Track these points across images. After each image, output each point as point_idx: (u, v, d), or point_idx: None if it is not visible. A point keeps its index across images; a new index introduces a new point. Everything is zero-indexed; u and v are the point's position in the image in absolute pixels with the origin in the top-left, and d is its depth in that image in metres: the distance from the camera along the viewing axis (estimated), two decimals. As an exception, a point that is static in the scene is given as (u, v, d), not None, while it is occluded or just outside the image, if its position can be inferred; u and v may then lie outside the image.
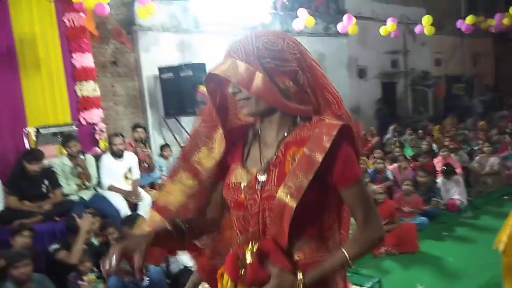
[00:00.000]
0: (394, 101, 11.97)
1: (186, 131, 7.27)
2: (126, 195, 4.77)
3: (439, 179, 6.23)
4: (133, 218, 4.16)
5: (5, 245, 3.63)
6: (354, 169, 1.22)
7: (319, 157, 1.16)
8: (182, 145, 6.77)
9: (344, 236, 1.40)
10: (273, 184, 1.22)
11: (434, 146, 8.10)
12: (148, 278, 3.71)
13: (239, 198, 1.27)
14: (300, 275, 1.19)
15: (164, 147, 6.11)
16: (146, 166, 5.50)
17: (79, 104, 6.21)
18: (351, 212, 1.30)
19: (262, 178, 1.25)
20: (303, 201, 1.16)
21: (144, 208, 4.77)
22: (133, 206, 4.77)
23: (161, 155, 6.01)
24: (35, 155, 4.24)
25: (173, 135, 7.04)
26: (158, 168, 5.73)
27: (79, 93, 6.17)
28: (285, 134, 1.27)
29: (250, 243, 1.21)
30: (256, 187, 1.25)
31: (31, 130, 5.41)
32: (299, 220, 1.19)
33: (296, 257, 1.23)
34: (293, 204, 1.16)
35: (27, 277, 3.21)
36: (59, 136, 4.97)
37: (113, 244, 3.94)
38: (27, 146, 5.38)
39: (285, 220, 1.18)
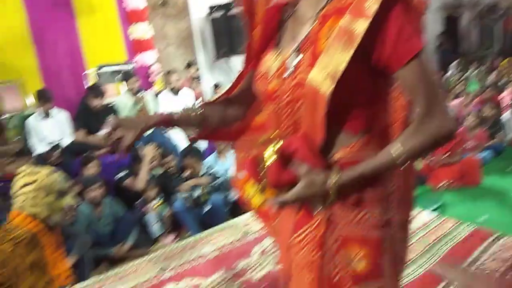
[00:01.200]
0: (457, 35, 11.10)
1: (237, 71, 7.25)
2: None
3: (505, 114, 5.83)
4: (192, 150, 4.33)
5: (75, 176, 3.92)
6: (411, 40, 0.93)
7: (362, 27, 0.92)
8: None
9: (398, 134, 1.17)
10: (305, 67, 1.02)
11: (502, 81, 7.53)
12: (209, 205, 3.90)
13: (267, 88, 1.12)
14: (334, 174, 1.02)
15: (216, 86, 6.14)
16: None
17: (133, 46, 6.35)
18: (409, 100, 1.10)
19: (293, 62, 1.06)
20: (341, 85, 0.95)
21: (200, 144, 4.92)
22: (191, 142, 4.91)
23: (215, 95, 6.06)
24: (98, 91, 4.44)
25: (224, 76, 7.06)
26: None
27: (132, 36, 6.30)
28: (323, 5, 1.03)
29: (273, 143, 1.07)
30: (286, 74, 1.07)
31: (91, 71, 5.65)
32: (337, 110, 1.00)
33: (335, 157, 1.06)
34: (328, 88, 0.96)
35: (100, 199, 3.50)
36: (118, 75, 5.12)
37: (172, 173, 4.16)
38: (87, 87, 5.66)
39: (319, 110, 1.00)
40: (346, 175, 1.02)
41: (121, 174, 3.99)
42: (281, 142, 1.05)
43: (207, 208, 3.90)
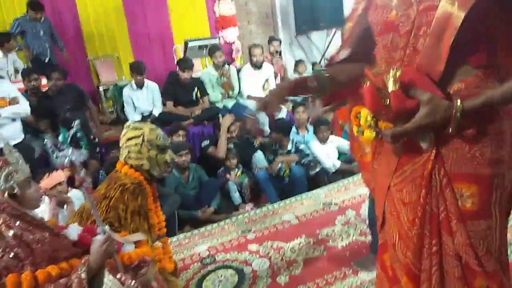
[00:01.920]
0: None
1: (317, 48, 7.14)
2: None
3: None
4: (285, 123, 4.40)
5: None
6: None
7: None
8: (313, 62, 6.71)
9: None
10: None
11: None
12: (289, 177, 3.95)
13: (388, 17, 1.08)
14: (457, 102, 0.98)
15: (299, 62, 6.10)
16: (280, 80, 5.62)
17: (218, 23, 6.53)
18: None
19: None
20: (472, 13, 0.92)
21: (282, 116, 4.95)
22: (271, 116, 4.96)
23: (296, 71, 6.04)
24: (188, 63, 4.64)
25: (304, 53, 6.99)
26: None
27: (217, 12, 6.46)
28: None
29: (391, 70, 1.02)
30: None
31: (179, 46, 5.92)
32: (462, 41, 0.97)
33: (455, 87, 1.02)
34: (460, 14, 0.92)
35: (187, 164, 3.70)
36: (204, 49, 5.30)
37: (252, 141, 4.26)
38: (175, 61, 5.93)
39: (446, 38, 0.97)
40: (470, 102, 0.98)
41: (206, 143, 4.17)
42: (399, 72, 1.02)
43: (287, 180, 3.95)
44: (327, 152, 4.14)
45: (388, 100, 1.01)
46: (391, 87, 1.01)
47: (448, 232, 1.07)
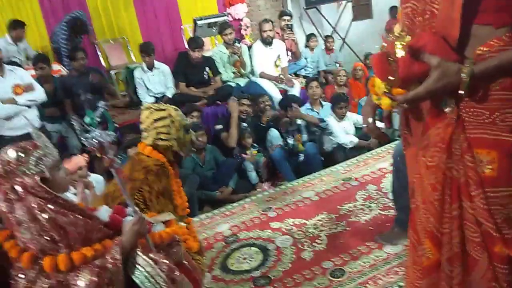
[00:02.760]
0: None
1: (327, 21, 6.99)
2: (277, 81, 4.91)
3: None
4: (289, 98, 4.34)
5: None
6: None
7: None
8: (323, 36, 6.58)
9: None
10: None
11: None
12: (304, 154, 3.92)
13: None
14: (468, 64, 0.96)
15: (310, 36, 5.97)
16: (292, 56, 5.53)
17: (225, 0, 6.41)
18: None
19: None
20: None
21: (295, 92, 4.89)
22: (284, 93, 4.91)
23: (307, 46, 5.92)
24: (197, 42, 4.57)
25: (315, 26, 6.85)
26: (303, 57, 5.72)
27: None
28: None
29: (399, 36, 1.02)
30: None
31: (187, 26, 5.83)
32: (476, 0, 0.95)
33: (478, 52, 0.99)
34: None
35: (203, 145, 3.69)
36: (214, 27, 5.20)
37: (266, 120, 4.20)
38: (184, 42, 5.86)
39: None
40: (482, 65, 0.96)
41: (219, 127, 4.12)
42: (409, 37, 1.02)
43: (302, 157, 3.92)
44: (345, 127, 4.10)
45: (396, 66, 1.01)
46: (399, 53, 1.01)
47: (467, 197, 1.07)
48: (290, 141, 3.95)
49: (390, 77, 1.05)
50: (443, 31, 1.00)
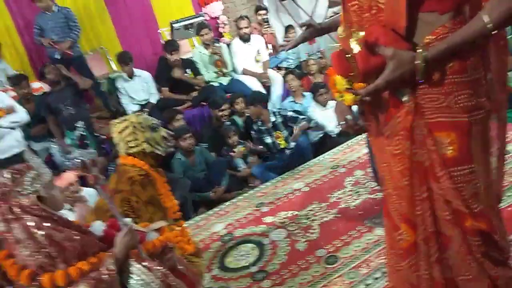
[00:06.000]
0: None
1: (304, 10, 7.00)
2: (259, 77, 4.94)
3: None
4: (259, 95, 4.35)
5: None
6: None
7: None
8: (300, 25, 6.56)
9: None
10: None
11: None
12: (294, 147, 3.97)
13: None
14: (421, 50, 1.01)
15: (288, 28, 5.99)
16: (271, 49, 5.56)
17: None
18: None
19: None
20: None
21: (276, 89, 4.94)
22: (267, 88, 4.95)
23: (286, 37, 5.95)
24: (173, 45, 4.59)
25: (292, 17, 6.85)
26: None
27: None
28: None
29: (353, 33, 1.07)
30: None
31: (164, 30, 5.82)
32: None
33: (426, 40, 1.04)
34: None
35: (192, 147, 3.72)
36: (190, 29, 5.21)
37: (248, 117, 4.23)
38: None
39: None
40: (434, 49, 1.01)
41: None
42: (362, 33, 1.06)
43: (289, 152, 3.96)
44: (329, 115, 4.15)
45: (354, 61, 1.06)
46: (355, 48, 1.05)
47: (434, 179, 1.14)
48: (268, 140, 3.99)
49: (350, 73, 1.10)
50: (392, 23, 1.05)
